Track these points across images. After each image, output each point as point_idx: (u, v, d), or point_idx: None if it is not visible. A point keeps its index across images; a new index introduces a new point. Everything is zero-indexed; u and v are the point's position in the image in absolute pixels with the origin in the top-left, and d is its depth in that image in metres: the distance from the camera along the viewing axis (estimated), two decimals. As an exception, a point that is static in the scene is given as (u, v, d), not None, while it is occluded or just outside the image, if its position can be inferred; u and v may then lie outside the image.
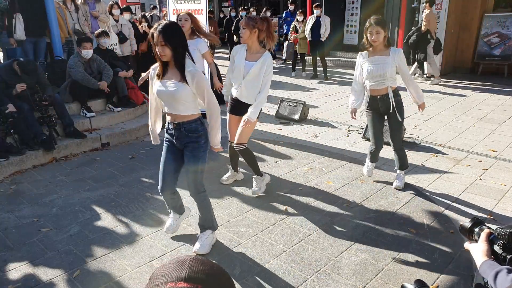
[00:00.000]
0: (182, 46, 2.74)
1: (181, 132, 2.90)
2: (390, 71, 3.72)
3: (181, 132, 2.90)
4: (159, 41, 2.66)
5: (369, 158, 4.23)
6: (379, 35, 3.65)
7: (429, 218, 3.55)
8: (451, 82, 9.24)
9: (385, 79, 3.76)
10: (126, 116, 6.18)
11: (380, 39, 3.67)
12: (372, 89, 3.86)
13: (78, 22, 7.31)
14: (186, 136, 2.90)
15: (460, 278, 2.79)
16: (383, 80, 3.77)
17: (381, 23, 3.64)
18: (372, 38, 3.67)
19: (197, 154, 2.93)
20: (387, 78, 3.76)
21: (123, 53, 7.77)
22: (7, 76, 4.87)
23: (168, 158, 3.03)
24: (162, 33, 2.64)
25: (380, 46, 3.73)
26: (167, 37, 2.65)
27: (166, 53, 2.69)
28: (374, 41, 3.68)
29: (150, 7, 13.82)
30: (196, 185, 3.02)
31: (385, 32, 3.69)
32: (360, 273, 2.85)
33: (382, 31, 3.64)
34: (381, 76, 3.75)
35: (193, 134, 2.90)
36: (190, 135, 2.90)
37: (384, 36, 3.68)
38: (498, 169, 4.53)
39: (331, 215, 3.63)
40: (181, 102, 2.82)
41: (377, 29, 3.63)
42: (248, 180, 4.30)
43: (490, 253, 1.31)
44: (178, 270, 0.77)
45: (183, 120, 2.88)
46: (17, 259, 3.06)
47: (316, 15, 9.30)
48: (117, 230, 3.44)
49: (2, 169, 4.52)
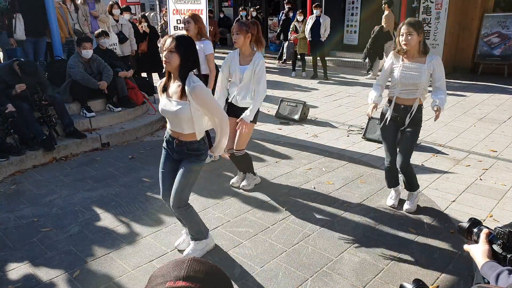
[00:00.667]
0: (192, 61, 2.66)
1: (182, 149, 2.82)
2: (425, 80, 3.32)
3: (182, 150, 2.82)
4: (169, 47, 2.57)
5: (387, 182, 3.78)
6: (411, 38, 3.23)
7: (429, 218, 3.55)
8: (451, 82, 9.24)
9: (417, 89, 3.37)
10: (126, 116, 6.18)
11: (412, 43, 3.25)
12: (399, 97, 3.46)
13: (78, 22, 7.31)
14: (187, 154, 2.83)
15: (460, 278, 2.79)
16: (415, 89, 3.38)
17: (415, 25, 3.22)
18: (403, 40, 3.26)
19: (193, 169, 2.84)
20: (419, 89, 3.37)
21: (123, 53, 7.77)
22: (7, 76, 4.87)
23: (165, 166, 2.97)
24: (176, 40, 2.56)
25: (413, 51, 3.33)
26: (180, 44, 2.56)
27: (172, 61, 2.58)
28: (405, 44, 3.26)
29: (149, 7, 13.82)
30: (180, 198, 2.87)
31: (419, 36, 3.25)
32: (360, 273, 2.85)
33: (415, 34, 3.22)
34: (414, 86, 3.36)
35: (194, 153, 2.83)
36: (191, 153, 2.83)
37: (418, 40, 3.26)
38: (498, 169, 4.53)
39: (331, 215, 3.63)
40: (186, 121, 2.70)
41: (409, 30, 3.21)
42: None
43: (491, 253, 1.31)
44: (177, 270, 0.77)
45: (186, 139, 2.79)
46: (17, 259, 3.06)
47: (316, 15, 9.31)
48: (117, 230, 3.45)
49: (2, 169, 4.52)
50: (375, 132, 5.48)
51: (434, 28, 9.62)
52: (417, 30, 3.22)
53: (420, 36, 3.26)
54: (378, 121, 5.51)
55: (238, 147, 3.89)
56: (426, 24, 9.70)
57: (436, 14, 9.55)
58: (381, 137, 3.76)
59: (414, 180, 3.64)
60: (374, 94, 3.61)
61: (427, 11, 9.69)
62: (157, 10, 13.41)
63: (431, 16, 9.62)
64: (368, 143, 5.42)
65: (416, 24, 3.25)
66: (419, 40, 3.27)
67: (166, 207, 3.77)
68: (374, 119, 5.62)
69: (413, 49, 3.31)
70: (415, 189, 3.67)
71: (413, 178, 3.63)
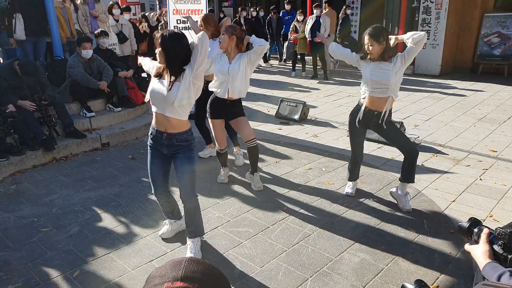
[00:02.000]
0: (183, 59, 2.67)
1: (172, 142, 2.82)
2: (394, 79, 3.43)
3: (172, 142, 2.83)
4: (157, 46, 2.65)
5: (349, 176, 3.98)
6: (373, 47, 3.37)
7: (429, 218, 3.55)
8: (451, 82, 9.25)
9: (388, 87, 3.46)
10: (126, 116, 6.18)
11: (375, 52, 3.39)
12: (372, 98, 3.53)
13: (77, 22, 7.30)
14: (177, 146, 2.84)
15: (460, 278, 2.79)
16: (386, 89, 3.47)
17: (374, 36, 3.34)
18: (368, 49, 3.42)
19: (190, 155, 2.88)
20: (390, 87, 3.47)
21: (123, 53, 7.78)
22: (7, 76, 4.87)
23: (155, 164, 2.97)
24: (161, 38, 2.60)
25: (379, 58, 3.44)
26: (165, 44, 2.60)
27: (161, 60, 2.68)
28: (370, 53, 3.43)
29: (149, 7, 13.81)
30: (192, 187, 2.94)
31: (381, 45, 3.36)
32: (360, 273, 2.85)
33: (375, 44, 3.35)
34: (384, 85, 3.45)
35: (185, 143, 2.85)
36: (181, 144, 2.84)
37: (380, 48, 3.37)
38: (498, 169, 4.53)
39: (331, 215, 3.63)
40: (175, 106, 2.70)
41: (371, 42, 3.36)
42: (248, 179, 4.30)
43: (492, 254, 1.31)
44: (175, 270, 0.77)
45: (174, 131, 2.80)
46: (17, 259, 3.06)
47: (316, 15, 9.31)
48: (117, 230, 3.44)
49: (2, 169, 4.52)
50: (375, 132, 5.47)
51: (434, 28, 9.62)
52: (377, 40, 3.35)
53: (383, 44, 3.36)
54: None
55: (250, 136, 3.99)
56: (426, 24, 9.71)
57: (436, 14, 9.55)
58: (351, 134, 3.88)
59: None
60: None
61: (427, 11, 9.69)
62: (157, 10, 13.41)
63: (431, 16, 9.62)
64: (368, 143, 5.41)
65: (377, 34, 3.34)
66: (381, 48, 3.38)
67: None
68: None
69: (379, 57, 3.44)
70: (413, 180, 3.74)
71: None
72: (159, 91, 2.72)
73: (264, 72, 10.89)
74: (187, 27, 6.52)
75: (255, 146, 4.03)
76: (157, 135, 2.86)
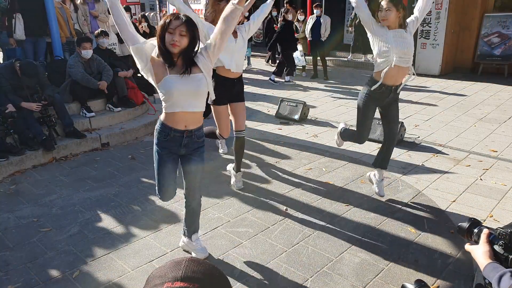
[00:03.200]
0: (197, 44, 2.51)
1: (192, 139, 2.67)
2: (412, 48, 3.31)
3: (191, 139, 2.67)
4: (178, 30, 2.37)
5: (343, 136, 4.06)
6: (390, 13, 3.22)
7: (429, 218, 3.55)
8: (451, 82, 9.24)
9: (410, 57, 3.33)
10: (126, 116, 6.18)
11: (391, 18, 3.24)
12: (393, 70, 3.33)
13: (77, 22, 7.31)
14: (195, 143, 2.70)
15: (460, 278, 2.79)
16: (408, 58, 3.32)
17: (394, 1, 3.21)
18: (382, 15, 3.26)
19: (203, 157, 2.80)
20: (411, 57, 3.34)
21: (123, 53, 7.77)
22: (8, 76, 4.87)
23: (168, 169, 2.76)
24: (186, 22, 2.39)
25: (392, 26, 3.30)
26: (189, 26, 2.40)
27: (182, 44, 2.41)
28: (383, 19, 3.26)
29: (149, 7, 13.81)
30: (200, 184, 2.91)
31: (399, 12, 3.23)
32: (360, 273, 2.84)
33: (393, 10, 3.21)
34: (406, 54, 3.30)
35: (201, 140, 2.75)
36: (199, 140, 2.72)
37: (397, 15, 3.24)
38: (499, 169, 4.53)
39: (331, 215, 3.62)
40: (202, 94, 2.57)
41: (389, 6, 3.21)
42: (248, 179, 4.31)
43: (493, 254, 1.30)
44: (175, 271, 0.77)
45: (194, 127, 2.65)
46: (17, 259, 3.06)
47: (316, 15, 9.31)
48: (117, 230, 3.44)
49: (2, 169, 4.52)
50: (375, 132, 5.48)
51: (434, 28, 9.62)
52: (396, 5, 3.21)
53: (400, 12, 3.24)
54: (378, 121, 5.54)
55: (242, 126, 3.92)
56: (426, 24, 9.70)
57: (436, 14, 9.54)
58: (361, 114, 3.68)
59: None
60: None
61: (427, 11, 9.67)
62: (157, 10, 13.41)
63: (431, 16, 9.61)
64: (368, 143, 5.39)
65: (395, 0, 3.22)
66: (398, 16, 3.25)
67: (166, 208, 3.78)
68: (374, 119, 5.61)
69: (392, 24, 3.28)
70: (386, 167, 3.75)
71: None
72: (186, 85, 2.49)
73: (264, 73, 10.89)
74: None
75: (244, 137, 4.01)
76: (175, 135, 2.62)
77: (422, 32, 9.80)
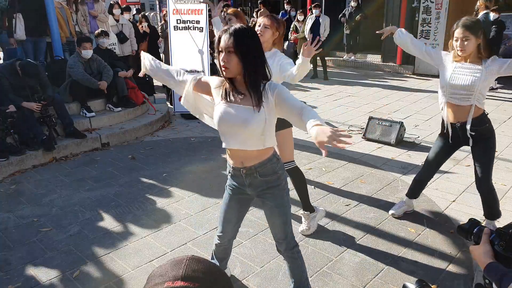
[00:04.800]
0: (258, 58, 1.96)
1: (255, 178, 2.13)
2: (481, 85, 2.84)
3: (255, 179, 2.13)
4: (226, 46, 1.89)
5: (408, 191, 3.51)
6: (468, 43, 2.78)
7: (429, 218, 3.55)
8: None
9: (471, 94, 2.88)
10: (126, 116, 6.18)
11: (469, 49, 2.80)
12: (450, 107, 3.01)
13: (77, 23, 7.31)
14: (263, 182, 2.15)
15: (460, 278, 2.79)
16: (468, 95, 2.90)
17: (471, 28, 2.75)
18: (458, 46, 2.82)
19: (281, 202, 2.22)
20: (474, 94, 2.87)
21: (123, 53, 7.77)
22: (9, 75, 4.87)
23: (231, 208, 2.33)
24: (235, 35, 1.89)
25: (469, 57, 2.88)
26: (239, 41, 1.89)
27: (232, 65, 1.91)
28: (461, 50, 2.82)
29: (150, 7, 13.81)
30: (287, 238, 2.33)
31: (478, 39, 2.78)
32: (360, 273, 2.85)
33: (472, 38, 2.77)
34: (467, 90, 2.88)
35: (272, 177, 2.15)
36: (267, 179, 2.15)
37: (475, 44, 2.80)
38: (498, 169, 4.53)
39: (331, 215, 3.63)
40: (256, 134, 2.02)
41: (466, 35, 2.77)
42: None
43: (493, 254, 1.31)
44: (175, 270, 0.77)
45: (253, 163, 2.10)
46: (17, 259, 3.06)
47: (315, 15, 9.31)
48: (117, 230, 3.44)
49: (2, 169, 4.52)
50: (375, 132, 5.48)
51: (434, 28, 9.62)
52: (475, 33, 2.76)
53: (479, 39, 2.79)
54: (378, 121, 5.54)
55: (288, 157, 3.22)
56: (426, 24, 9.71)
57: (436, 14, 9.55)
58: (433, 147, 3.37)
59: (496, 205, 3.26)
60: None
61: (427, 11, 9.68)
62: (157, 10, 13.40)
63: (431, 16, 9.61)
64: (368, 143, 5.41)
65: (474, 26, 2.76)
66: (478, 44, 2.81)
67: (166, 208, 3.79)
68: (374, 119, 5.62)
69: (470, 55, 2.87)
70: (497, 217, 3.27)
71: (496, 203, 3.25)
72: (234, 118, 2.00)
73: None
74: (187, 27, 6.52)
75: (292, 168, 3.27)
76: (235, 173, 2.20)
77: (422, 32, 9.80)
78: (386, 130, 5.41)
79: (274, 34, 3.07)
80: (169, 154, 5.18)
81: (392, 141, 5.28)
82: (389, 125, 5.42)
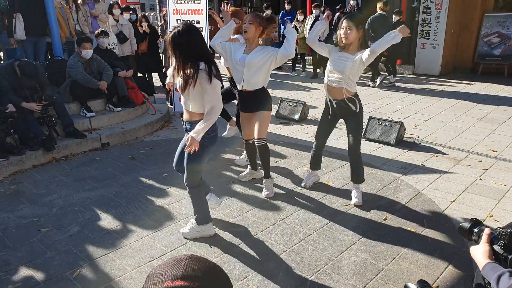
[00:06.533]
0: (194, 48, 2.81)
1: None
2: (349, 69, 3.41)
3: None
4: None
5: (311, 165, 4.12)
6: (350, 33, 3.36)
7: (429, 218, 3.55)
8: (451, 82, 9.24)
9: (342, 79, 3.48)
10: (126, 116, 6.18)
11: (351, 37, 3.37)
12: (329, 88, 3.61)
13: (78, 23, 7.31)
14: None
15: (460, 278, 2.79)
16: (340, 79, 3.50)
17: (354, 20, 3.35)
18: (342, 34, 3.40)
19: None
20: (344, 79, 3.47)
21: (123, 53, 7.77)
22: (8, 76, 4.87)
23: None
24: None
25: (352, 46, 3.44)
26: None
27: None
28: (344, 38, 3.40)
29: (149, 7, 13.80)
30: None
31: (359, 32, 3.37)
32: (360, 273, 2.85)
33: (354, 29, 3.34)
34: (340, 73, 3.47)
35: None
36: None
37: (357, 35, 3.38)
38: (498, 169, 4.53)
39: (331, 215, 3.63)
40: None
41: (349, 25, 3.35)
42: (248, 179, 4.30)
43: (492, 254, 1.31)
44: (175, 269, 0.76)
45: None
46: (17, 259, 3.06)
47: (315, 15, 9.31)
48: (117, 230, 3.44)
49: (2, 169, 4.52)
50: (375, 132, 5.48)
51: (434, 28, 9.62)
52: (357, 26, 3.35)
53: (360, 33, 3.38)
54: (378, 121, 5.55)
55: (259, 135, 3.84)
56: (426, 24, 9.71)
57: (436, 14, 9.55)
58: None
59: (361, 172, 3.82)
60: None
61: (427, 11, 9.68)
62: (157, 10, 13.40)
63: (431, 16, 9.61)
64: (368, 143, 5.41)
65: (357, 20, 3.38)
66: (358, 36, 3.39)
67: (166, 207, 3.79)
68: (374, 119, 5.62)
69: (352, 45, 3.43)
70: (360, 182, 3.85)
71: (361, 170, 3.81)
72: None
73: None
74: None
75: (262, 145, 3.88)
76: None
77: (422, 32, 9.80)
78: (386, 130, 5.42)
79: (258, 29, 3.62)
80: (169, 154, 5.18)
81: (392, 141, 5.28)
82: (389, 125, 5.42)
